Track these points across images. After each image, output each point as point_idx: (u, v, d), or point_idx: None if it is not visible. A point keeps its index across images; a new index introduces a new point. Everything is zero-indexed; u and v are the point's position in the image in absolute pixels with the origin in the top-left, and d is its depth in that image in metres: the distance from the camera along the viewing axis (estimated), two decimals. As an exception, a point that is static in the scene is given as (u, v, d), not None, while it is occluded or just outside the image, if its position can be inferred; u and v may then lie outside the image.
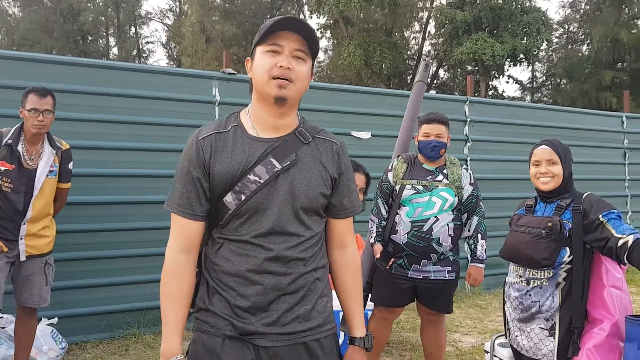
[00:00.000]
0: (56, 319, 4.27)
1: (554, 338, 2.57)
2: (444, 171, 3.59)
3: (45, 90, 3.49)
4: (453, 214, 3.52)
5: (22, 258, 3.50)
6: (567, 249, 2.55)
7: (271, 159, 1.62)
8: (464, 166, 3.69)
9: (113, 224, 4.81)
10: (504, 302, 2.85)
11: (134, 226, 4.84)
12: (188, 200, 1.64)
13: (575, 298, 2.53)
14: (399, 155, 3.81)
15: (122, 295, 4.78)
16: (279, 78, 1.57)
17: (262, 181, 1.60)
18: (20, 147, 3.45)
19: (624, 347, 2.41)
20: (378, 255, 3.58)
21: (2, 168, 3.40)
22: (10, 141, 3.41)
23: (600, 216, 2.48)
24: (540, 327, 2.61)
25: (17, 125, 3.52)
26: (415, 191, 3.53)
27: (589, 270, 2.57)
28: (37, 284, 3.57)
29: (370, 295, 3.80)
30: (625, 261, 2.40)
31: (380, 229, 3.63)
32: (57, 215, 3.82)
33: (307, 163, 1.66)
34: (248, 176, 1.60)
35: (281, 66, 1.57)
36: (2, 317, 3.99)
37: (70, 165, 3.73)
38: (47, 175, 3.54)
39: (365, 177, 3.19)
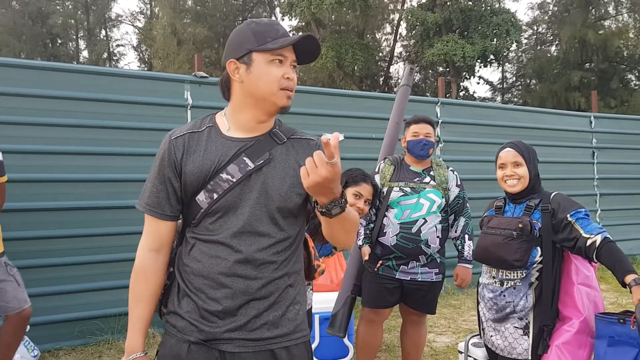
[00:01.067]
0: (28, 326, 4.18)
1: (528, 337, 2.61)
2: (431, 173, 3.62)
3: None
4: (441, 216, 3.55)
5: None
6: (539, 248, 2.60)
7: (244, 158, 1.61)
8: (450, 168, 3.72)
9: (86, 229, 4.74)
10: (478, 303, 2.89)
11: (109, 231, 4.77)
12: (157, 199, 1.64)
13: (545, 297, 2.57)
14: (385, 158, 3.83)
15: (95, 301, 4.71)
16: (287, 89, 1.61)
17: (234, 180, 1.59)
18: None
19: (594, 344, 2.46)
20: (366, 257, 3.58)
21: None
22: None
23: (568, 216, 2.53)
24: (515, 327, 2.64)
25: None
26: (403, 193, 3.55)
27: (559, 269, 2.62)
28: (9, 288, 3.36)
29: (357, 297, 3.81)
30: (595, 260, 2.45)
31: (367, 231, 3.64)
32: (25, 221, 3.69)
33: (282, 162, 1.64)
34: (220, 175, 1.60)
35: (288, 77, 1.60)
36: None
37: (0, 157, 3.45)
38: None
39: (373, 189, 3.12)
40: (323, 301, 4.28)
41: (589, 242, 2.43)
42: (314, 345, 4.23)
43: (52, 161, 4.63)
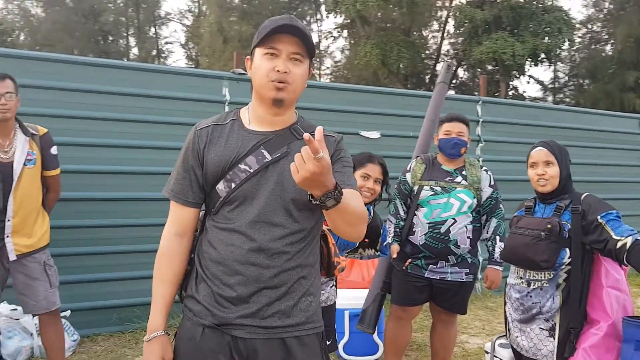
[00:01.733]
0: (69, 311, 4.38)
1: (554, 339, 2.57)
2: (463, 172, 3.58)
3: (3, 73, 3.28)
4: (472, 216, 3.51)
5: (12, 257, 3.27)
6: (567, 250, 2.55)
7: (262, 150, 1.68)
8: (484, 168, 3.66)
9: (126, 219, 4.89)
10: (505, 303, 2.85)
11: (146, 222, 4.88)
12: (181, 186, 1.74)
13: (572, 299, 2.52)
14: (417, 156, 3.81)
15: (133, 289, 4.84)
16: (277, 81, 1.63)
17: (251, 170, 1.66)
18: None
19: (622, 348, 2.40)
20: (395, 256, 3.59)
21: None
22: None
23: (599, 217, 2.47)
24: (540, 328, 2.60)
25: None
26: (433, 192, 3.53)
27: (589, 271, 2.56)
28: (40, 288, 3.35)
29: (387, 294, 3.82)
30: (625, 262, 2.39)
31: (397, 229, 3.64)
32: (73, 210, 3.75)
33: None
34: (239, 165, 1.67)
35: (278, 70, 1.63)
36: (15, 309, 4.05)
37: (53, 150, 3.49)
38: (25, 165, 3.30)
39: (380, 167, 3.03)
40: (354, 298, 4.31)
41: (619, 244, 2.37)
42: (343, 341, 4.26)
43: (93, 153, 4.79)
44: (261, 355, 1.64)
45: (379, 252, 3.05)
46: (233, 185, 1.66)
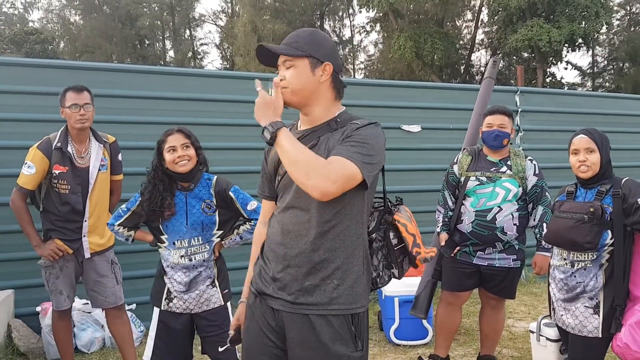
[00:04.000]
0: (134, 305, 4.66)
1: (599, 315, 2.71)
2: (508, 162, 3.71)
3: (81, 86, 3.53)
4: (518, 204, 3.63)
5: (87, 255, 3.58)
6: (609, 232, 2.68)
7: None
8: (529, 157, 3.78)
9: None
10: (549, 284, 3.00)
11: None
12: (261, 183, 2.14)
13: (616, 277, 2.66)
14: (464, 148, 3.97)
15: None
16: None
17: None
18: (70, 148, 3.50)
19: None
20: (442, 243, 3.76)
21: (57, 171, 3.45)
22: (59, 144, 3.47)
23: (639, 200, 2.60)
24: (585, 306, 2.75)
25: (62, 128, 3.55)
26: (479, 182, 3.67)
27: (630, 251, 2.69)
28: (109, 285, 3.66)
29: (439, 282, 3.98)
30: None
31: (446, 219, 3.81)
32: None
33: (323, 145, 1.86)
34: None
35: (281, 79, 1.89)
36: (87, 303, 4.31)
37: (120, 157, 3.79)
38: (99, 170, 3.60)
39: (181, 134, 3.06)
40: (402, 285, 4.48)
41: None
42: (394, 327, 4.44)
43: (144, 156, 5.01)
44: (287, 326, 1.88)
45: (252, 222, 3.03)
46: (279, 178, 1.97)
